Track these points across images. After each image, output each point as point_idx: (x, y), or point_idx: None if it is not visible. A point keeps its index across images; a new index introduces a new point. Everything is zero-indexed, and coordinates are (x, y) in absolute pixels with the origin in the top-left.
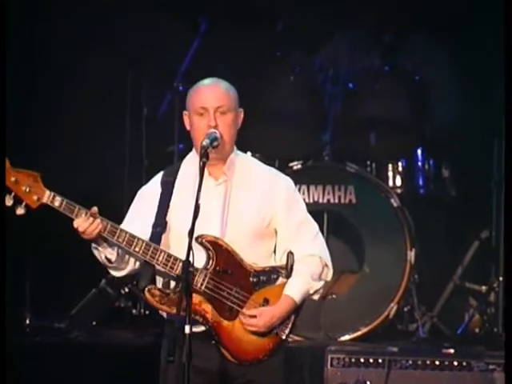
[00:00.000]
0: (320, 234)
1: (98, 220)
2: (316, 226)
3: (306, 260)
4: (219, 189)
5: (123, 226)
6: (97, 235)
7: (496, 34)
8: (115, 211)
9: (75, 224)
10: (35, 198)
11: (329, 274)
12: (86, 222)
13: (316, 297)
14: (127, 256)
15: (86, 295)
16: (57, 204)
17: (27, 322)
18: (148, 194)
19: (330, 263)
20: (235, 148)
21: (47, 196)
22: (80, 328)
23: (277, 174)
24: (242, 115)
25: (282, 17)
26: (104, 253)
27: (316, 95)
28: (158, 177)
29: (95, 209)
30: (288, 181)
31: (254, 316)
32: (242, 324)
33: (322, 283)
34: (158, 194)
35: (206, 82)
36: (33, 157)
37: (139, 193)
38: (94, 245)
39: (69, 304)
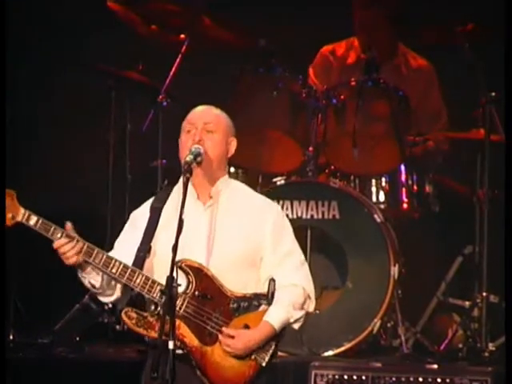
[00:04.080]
0: (305, 264)
1: (80, 243)
2: (302, 256)
3: (289, 289)
4: (208, 213)
5: (115, 247)
6: (78, 259)
7: (482, 48)
8: (99, 227)
9: (55, 245)
10: (9, 215)
11: (311, 306)
12: (67, 245)
13: (296, 326)
14: (113, 282)
15: (69, 310)
16: (32, 223)
17: (10, 337)
18: (138, 218)
19: (312, 295)
20: (227, 175)
21: (22, 214)
22: (63, 343)
23: (266, 201)
24: (234, 144)
25: (264, 33)
26: (87, 278)
27: (299, 111)
28: (149, 201)
29: (69, 224)
30: (277, 209)
31: (232, 337)
32: (221, 349)
33: (302, 313)
34: (147, 219)
35: (201, 106)
36: (16, 174)
37: (131, 216)
38: (78, 270)
39: (52, 319)
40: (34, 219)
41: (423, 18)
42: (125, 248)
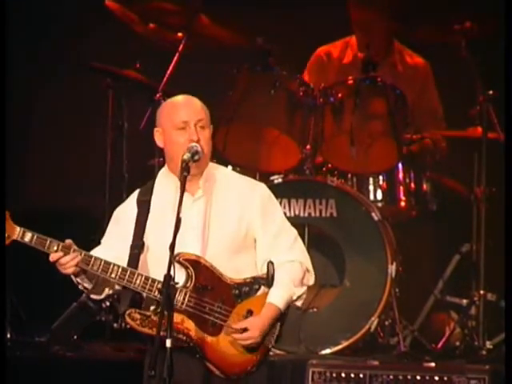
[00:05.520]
0: (299, 238)
1: (77, 253)
2: (294, 232)
3: (286, 266)
4: (198, 204)
5: (100, 246)
6: (75, 270)
7: (479, 46)
8: (96, 225)
9: (51, 258)
10: (5, 235)
11: (310, 279)
12: (63, 258)
13: (299, 303)
14: (104, 283)
15: (66, 309)
16: (27, 239)
17: (8, 336)
18: (124, 215)
19: (310, 268)
20: (210, 162)
21: (17, 233)
22: (61, 342)
23: (251, 182)
24: (212, 131)
25: (262, 32)
26: (81, 283)
27: (297, 109)
28: (134, 196)
29: (69, 241)
30: (262, 187)
31: (245, 329)
32: (226, 338)
33: (304, 289)
34: (135, 214)
35: (181, 97)
36: (14, 173)
37: (115, 214)
38: (72, 276)
39: (49, 318)
40: (28, 235)
41: (420, 16)
42: (112, 244)
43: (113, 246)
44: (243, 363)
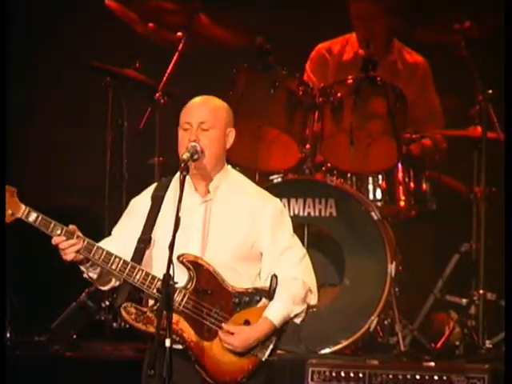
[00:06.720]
0: (306, 258)
1: (80, 240)
2: (302, 251)
3: (289, 283)
4: (205, 206)
5: (110, 237)
6: (76, 256)
7: (478, 46)
8: (97, 223)
9: (53, 241)
10: (9, 212)
11: (313, 299)
12: (66, 242)
13: (298, 320)
14: (110, 273)
15: (66, 308)
16: (31, 219)
17: (8, 335)
18: (137, 207)
19: (314, 288)
20: (226, 165)
21: (22, 211)
22: (60, 341)
23: (265, 195)
24: (232, 134)
25: (261, 31)
26: (86, 272)
27: (296, 108)
28: (151, 189)
29: (73, 227)
30: (276, 203)
31: (232, 334)
32: (220, 344)
33: (303, 307)
34: (147, 208)
35: (198, 98)
36: (14, 171)
37: (131, 203)
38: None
39: (49, 317)
40: (33, 215)
41: (420, 15)
42: (121, 236)
43: (121, 237)
44: (234, 372)
